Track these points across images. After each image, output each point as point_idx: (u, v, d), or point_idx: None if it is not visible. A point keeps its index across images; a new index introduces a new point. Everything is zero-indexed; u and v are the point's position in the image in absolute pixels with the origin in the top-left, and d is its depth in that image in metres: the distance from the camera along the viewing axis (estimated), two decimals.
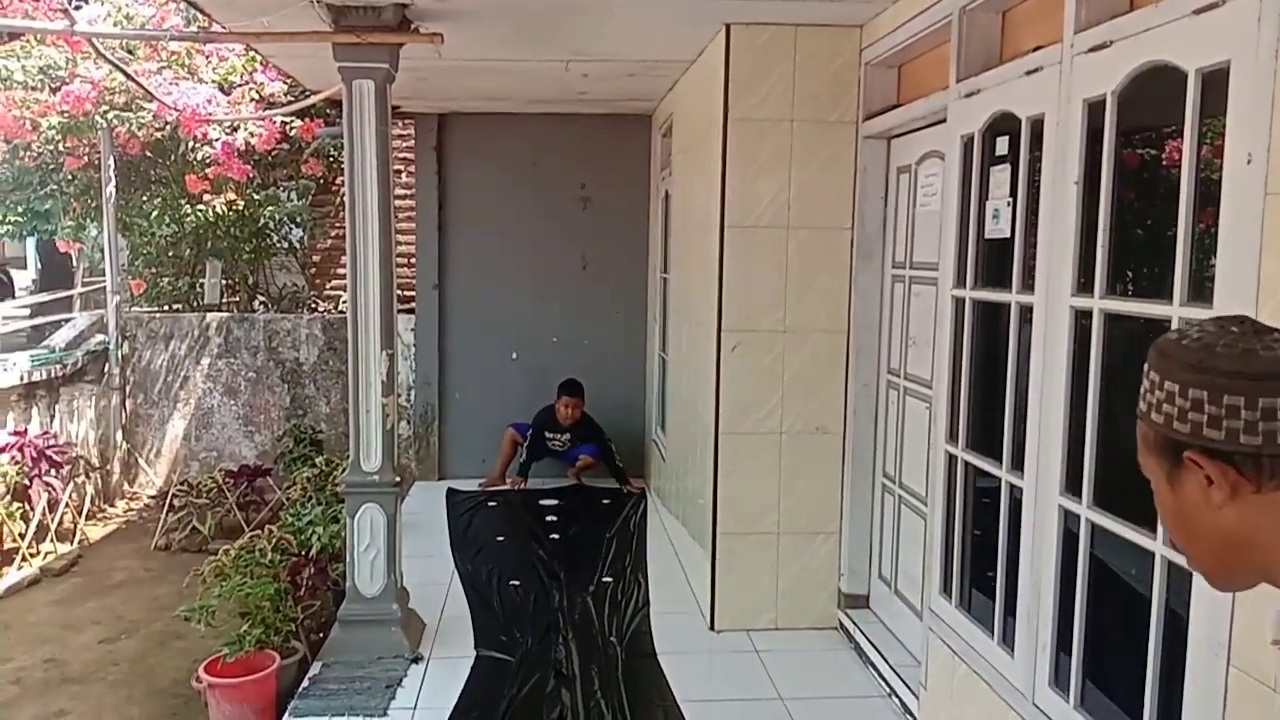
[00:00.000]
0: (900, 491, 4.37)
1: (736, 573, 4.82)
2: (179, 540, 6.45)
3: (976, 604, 3.37)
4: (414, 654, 4.38)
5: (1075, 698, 2.69)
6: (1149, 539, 2.39)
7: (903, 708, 3.92)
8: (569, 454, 7.46)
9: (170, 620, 5.16)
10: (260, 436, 7.82)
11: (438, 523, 6.53)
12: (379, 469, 4.41)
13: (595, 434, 7.43)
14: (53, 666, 4.62)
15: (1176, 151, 2.41)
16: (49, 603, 5.48)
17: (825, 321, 4.65)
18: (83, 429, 7.34)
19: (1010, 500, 3.10)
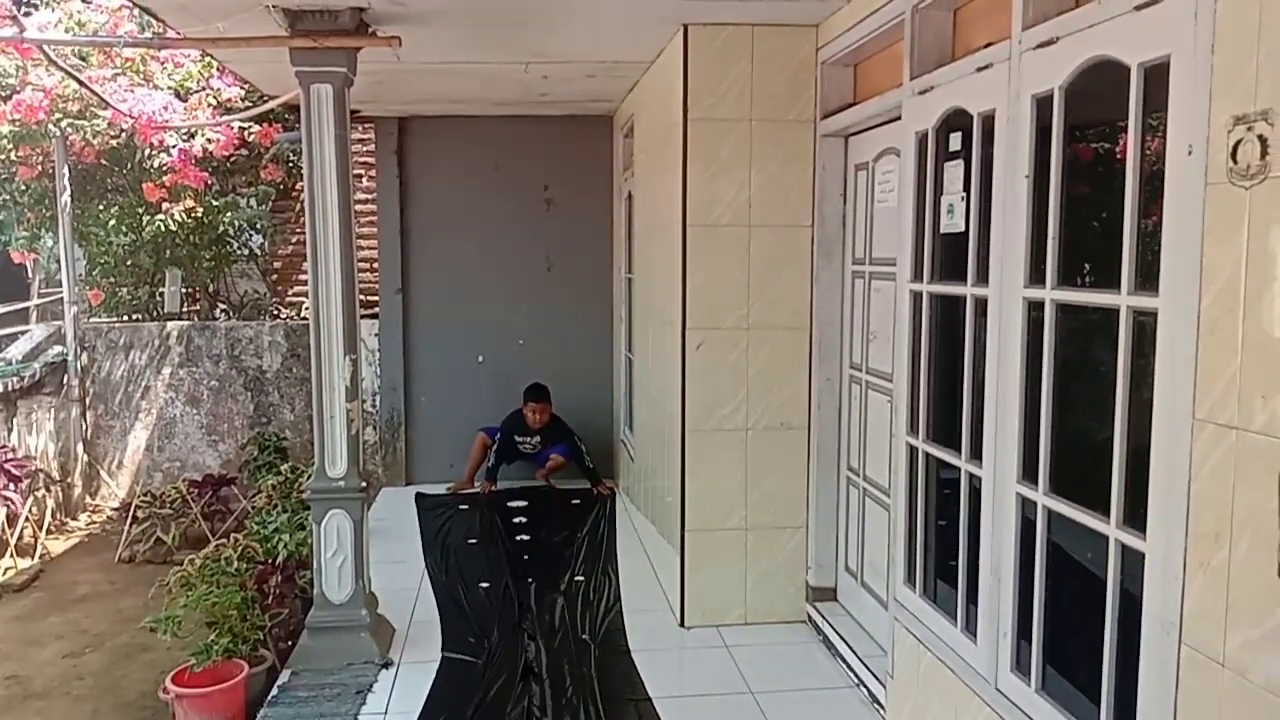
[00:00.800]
0: (864, 484, 4.43)
1: (705, 569, 4.85)
2: (143, 552, 6.38)
3: (939, 593, 3.42)
4: (384, 659, 4.37)
5: (1036, 681, 2.75)
6: (1103, 523, 2.45)
7: (870, 697, 3.97)
8: (540, 455, 7.46)
9: (136, 632, 5.11)
10: (224, 445, 7.74)
11: (405, 528, 6.50)
12: (344, 474, 4.40)
13: (565, 435, 7.43)
14: (14, 683, 4.55)
15: (1123, 145, 2.47)
16: (9, 619, 5.39)
17: (788, 318, 4.69)
18: (42, 442, 7.23)
19: (970, 489, 3.15)
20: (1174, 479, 2.16)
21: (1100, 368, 2.70)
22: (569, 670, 4.34)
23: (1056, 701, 2.66)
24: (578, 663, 4.42)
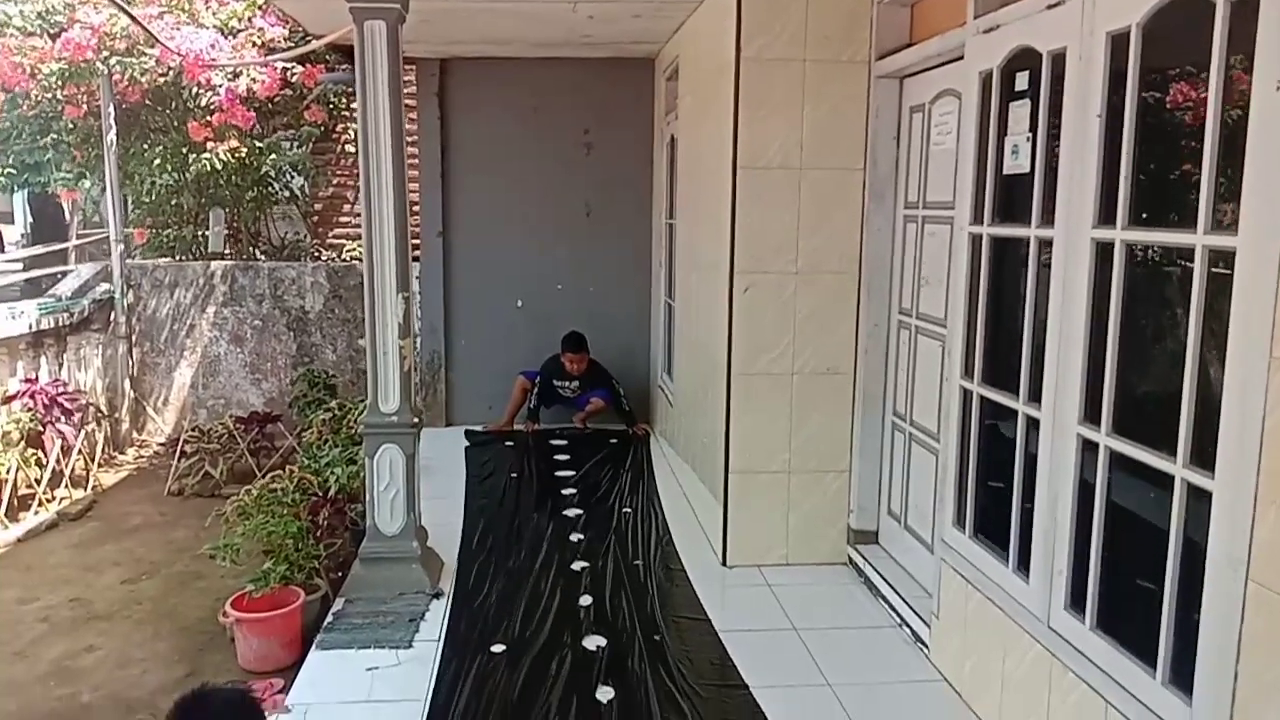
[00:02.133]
0: (911, 429, 4.44)
1: (747, 510, 4.91)
2: (192, 486, 6.52)
3: (990, 534, 3.45)
4: (435, 590, 4.47)
5: (1091, 619, 2.78)
6: (1169, 462, 2.46)
7: (914, 637, 4.02)
8: (579, 399, 7.52)
9: (190, 561, 5.26)
10: (267, 384, 7.85)
11: (449, 467, 6.59)
12: (397, 410, 4.47)
13: (604, 379, 7.49)
14: (78, 605, 4.70)
15: (1202, 83, 2.44)
16: (68, 546, 5.55)
17: (837, 262, 4.68)
18: (90, 378, 7.36)
19: (1026, 431, 3.16)
20: (1247, 418, 2.16)
21: (1170, 308, 2.69)
22: (624, 591, 4.44)
23: (1112, 639, 2.69)
24: (635, 587, 4.51)
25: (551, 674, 3.71)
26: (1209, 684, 2.27)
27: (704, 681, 3.68)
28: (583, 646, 3.94)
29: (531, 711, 3.44)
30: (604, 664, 3.79)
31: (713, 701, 3.53)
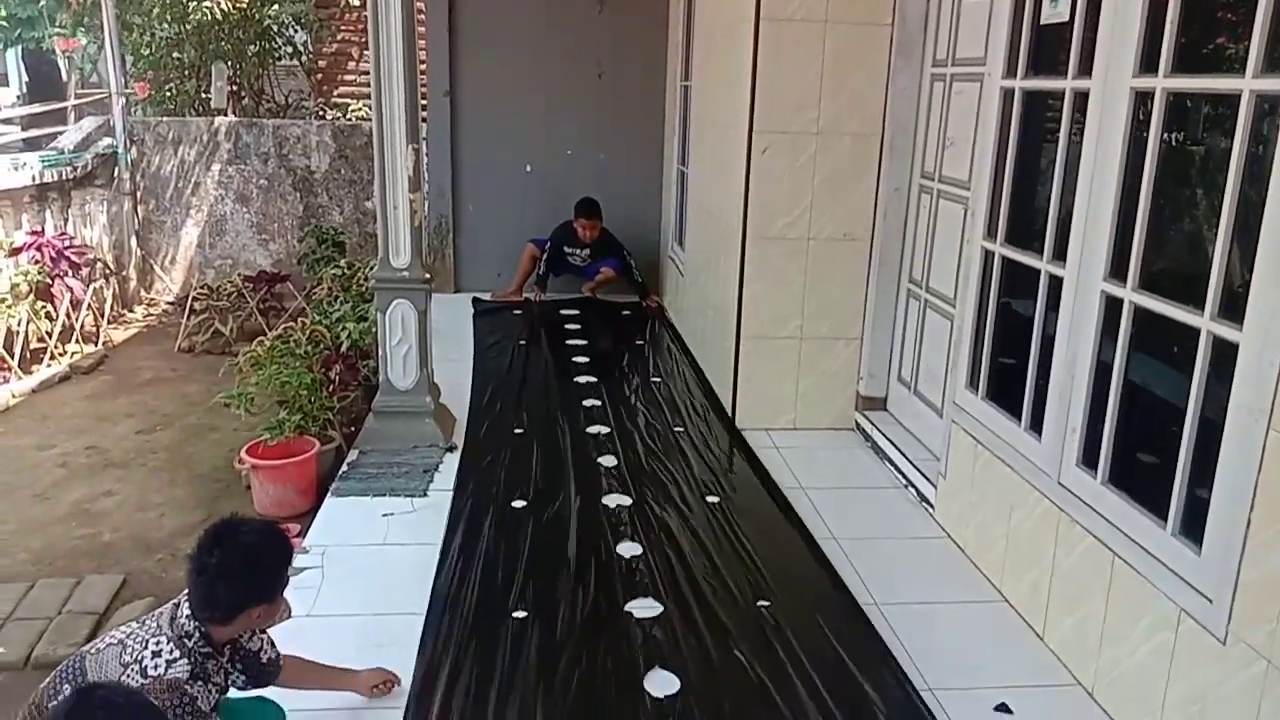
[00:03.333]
0: (926, 295, 4.41)
1: (758, 375, 4.92)
2: (202, 343, 6.54)
3: (1003, 394, 3.45)
4: (448, 444, 4.52)
5: (1104, 474, 2.80)
6: (1196, 316, 2.43)
7: (919, 497, 4.09)
8: (588, 269, 7.46)
9: (203, 414, 5.31)
10: (275, 245, 7.80)
11: (456, 333, 6.58)
12: (409, 265, 4.43)
13: (615, 249, 7.40)
14: (94, 453, 4.77)
15: None
16: (81, 397, 5.60)
17: (859, 123, 4.56)
18: (96, 234, 7.30)
19: (1048, 291, 3.13)
20: None
21: (1207, 162, 2.62)
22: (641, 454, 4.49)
23: (1123, 493, 2.72)
24: (648, 449, 4.55)
25: (570, 529, 3.75)
26: (1220, 532, 2.29)
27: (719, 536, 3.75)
28: (603, 504, 3.99)
29: (551, 562, 3.49)
30: (624, 521, 3.83)
31: (728, 554, 3.59)
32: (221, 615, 2.11)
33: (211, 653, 2.13)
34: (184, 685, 2.02)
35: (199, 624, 2.09)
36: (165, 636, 2.06)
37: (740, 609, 3.21)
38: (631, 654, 2.94)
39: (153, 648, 2.04)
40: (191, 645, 2.07)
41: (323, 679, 2.62)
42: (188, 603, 2.12)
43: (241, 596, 2.12)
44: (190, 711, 2.01)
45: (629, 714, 2.66)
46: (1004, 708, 2.74)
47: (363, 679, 2.68)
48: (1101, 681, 2.75)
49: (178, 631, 2.07)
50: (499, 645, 2.97)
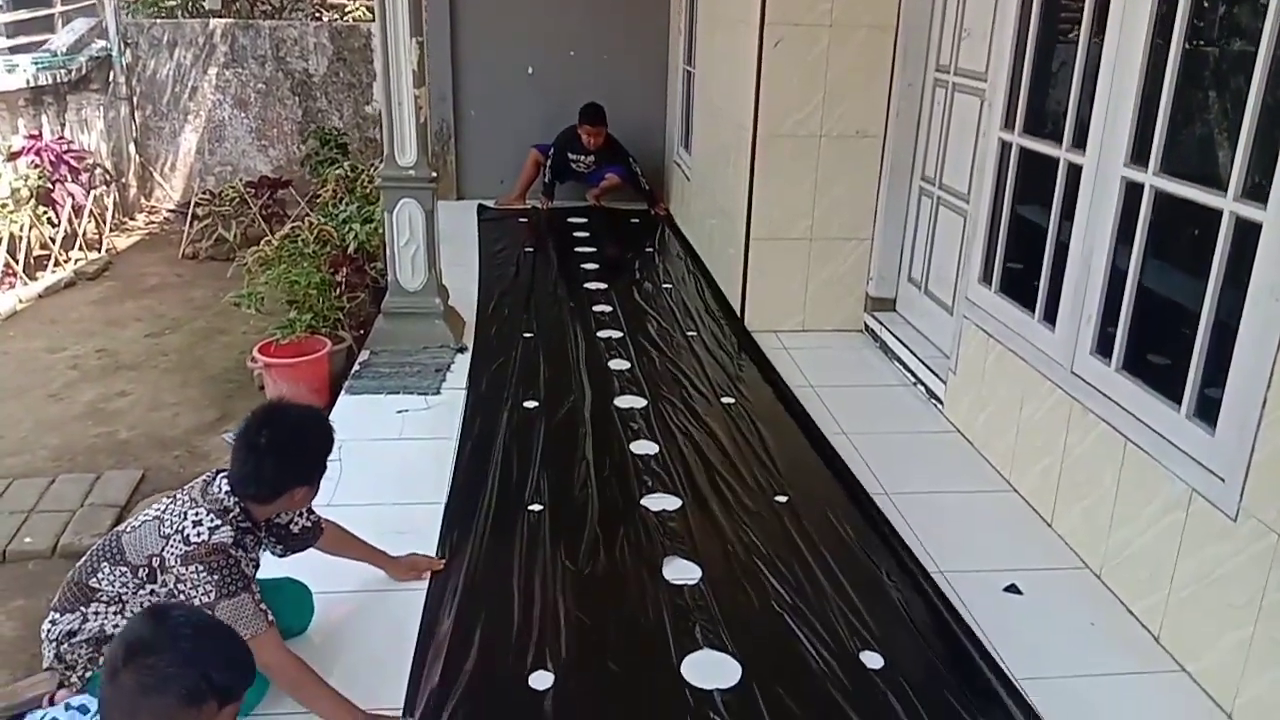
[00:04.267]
0: (939, 193, 4.37)
1: (767, 277, 4.91)
2: (206, 249, 6.50)
3: (1017, 287, 3.45)
4: (459, 345, 4.53)
5: (1118, 360, 2.81)
6: (1218, 198, 2.41)
7: (928, 394, 4.11)
8: (593, 175, 7.36)
9: (211, 318, 5.31)
10: (274, 151, 7.69)
11: (461, 240, 6.52)
12: (415, 163, 4.37)
13: (621, 156, 7.29)
14: (105, 356, 4.78)
15: None
16: (88, 302, 5.59)
17: (873, 15, 4.46)
18: (94, 140, 7.19)
19: (1067, 179, 3.10)
20: None
21: (1232, 41, 2.57)
22: (652, 357, 4.50)
23: (1138, 378, 2.73)
24: (659, 352, 4.57)
25: (584, 428, 3.77)
26: (1235, 412, 2.31)
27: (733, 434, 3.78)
28: (616, 405, 4.00)
29: (566, 459, 3.52)
30: (638, 421, 3.85)
31: (744, 451, 3.63)
32: (265, 493, 2.14)
33: (250, 528, 2.17)
34: (229, 549, 2.06)
35: (238, 500, 2.13)
36: (204, 508, 2.10)
37: (756, 502, 3.25)
38: (650, 544, 2.99)
39: (192, 518, 2.08)
40: (231, 518, 2.11)
41: (361, 552, 2.67)
42: (225, 479, 2.14)
43: (285, 477, 2.15)
44: (236, 572, 2.06)
45: (650, 598, 2.71)
46: (1013, 588, 2.80)
47: (402, 563, 2.73)
48: (1110, 564, 2.81)
49: (215, 505, 2.11)
50: (517, 534, 3.02)
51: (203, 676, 1.33)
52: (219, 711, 1.36)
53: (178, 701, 1.32)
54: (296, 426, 2.20)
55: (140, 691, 1.32)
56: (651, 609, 2.66)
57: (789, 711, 2.28)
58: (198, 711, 1.33)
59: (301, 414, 2.26)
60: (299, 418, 2.24)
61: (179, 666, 1.32)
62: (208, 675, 1.33)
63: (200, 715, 1.33)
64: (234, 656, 1.40)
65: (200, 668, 1.33)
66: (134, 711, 1.33)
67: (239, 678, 1.38)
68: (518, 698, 2.30)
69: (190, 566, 2.02)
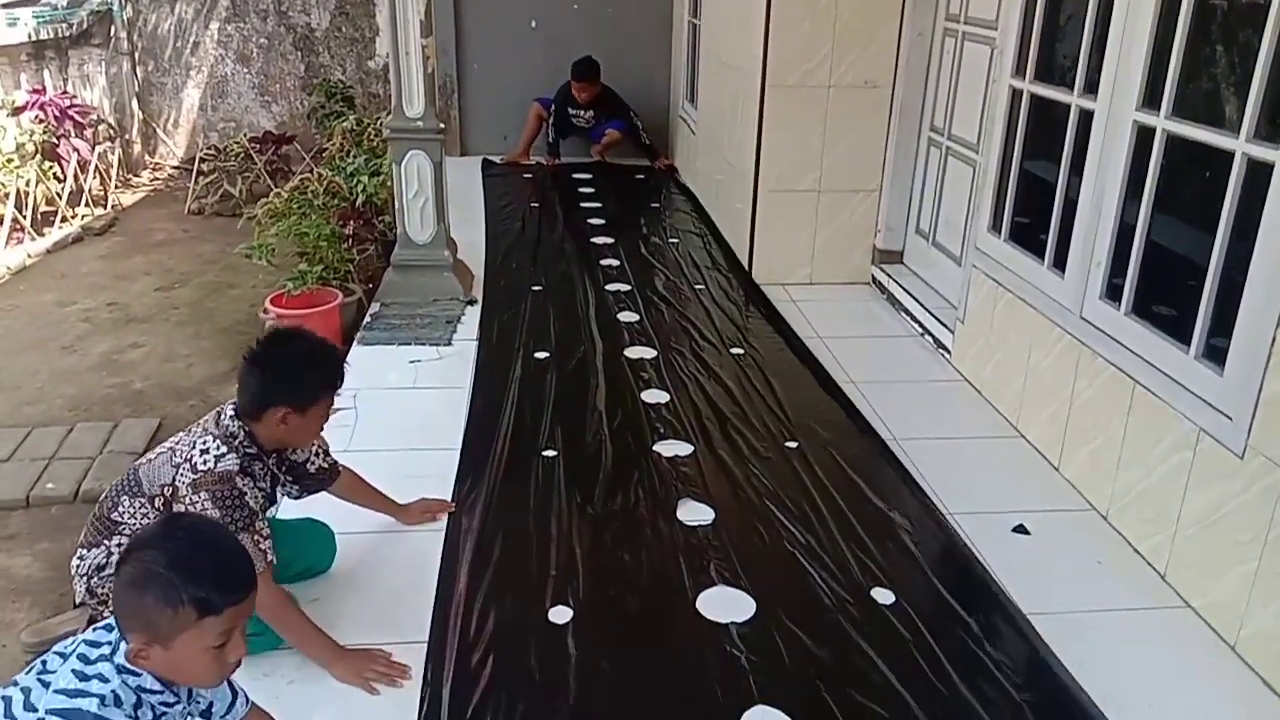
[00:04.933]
0: (948, 143, 4.37)
1: (774, 229, 4.92)
2: (212, 205, 6.49)
3: (1027, 235, 3.47)
4: (468, 297, 4.55)
5: (1127, 305, 2.84)
6: (1231, 139, 2.43)
7: (935, 344, 4.14)
8: (594, 131, 7.34)
9: (220, 272, 5.33)
10: (277, 107, 7.66)
11: (466, 195, 6.51)
12: (422, 114, 4.36)
13: (620, 110, 7.26)
14: (116, 309, 4.80)
15: None
16: (97, 257, 5.60)
17: None
18: (96, 96, 7.15)
19: (1078, 126, 3.10)
20: None
21: None
22: (661, 309, 4.53)
23: (1147, 322, 2.76)
24: (668, 304, 4.59)
25: (595, 378, 3.81)
26: (1244, 352, 2.34)
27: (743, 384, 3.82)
28: (626, 356, 4.03)
29: (577, 407, 3.56)
30: (648, 371, 3.89)
31: (754, 399, 3.66)
32: (250, 406, 2.14)
33: (257, 453, 2.19)
34: (234, 477, 2.09)
35: (242, 424, 2.16)
36: (212, 436, 2.13)
37: (767, 447, 3.29)
38: (663, 487, 3.03)
39: (200, 446, 2.11)
40: (237, 444, 2.14)
41: (375, 500, 2.71)
42: (233, 406, 2.18)
43: (269, 388, 2.13)
44: (239, 505, 2.08)
45: (665, 539, 2.76)
46: (1021, 529, 2.85)
47: (412, 509, 2.79)
48: (1116, 505, 2.86)
49: (223, 432, 2.14)
50: (531, 478, 3.06)
51: (180, 582, 1.35)
52: (198, 621, 1.37)
53: (155, 600, 1.35)
54: (293, 345, 2.21)
55: (129, 584, 1.38)
56: (666, 549, 2.71)
57: (802, 644, 2.33)
58: (174, 614, 1.36)
59: (305, 338, 2.26)
60: (300, 339, 2.24)
61: (162, 568, 1.36)
62: (185, 582, 1.36)
63: (178, 619, 1.36)
64: (218, 572, 1.40)
65: (181, 574, 1.36)
66: (122, 603, 1.39)
67: (216, 593, 1.38)
68: (539, 631, 2.35)
69: (198, 494, 2.06)
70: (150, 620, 1.37)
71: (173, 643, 1.38)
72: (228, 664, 1.45)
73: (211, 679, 1.46)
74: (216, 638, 1.40)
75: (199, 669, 1.43)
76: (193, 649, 1.39)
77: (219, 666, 1.44)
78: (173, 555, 1.38)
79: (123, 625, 1.41)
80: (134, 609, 1.38)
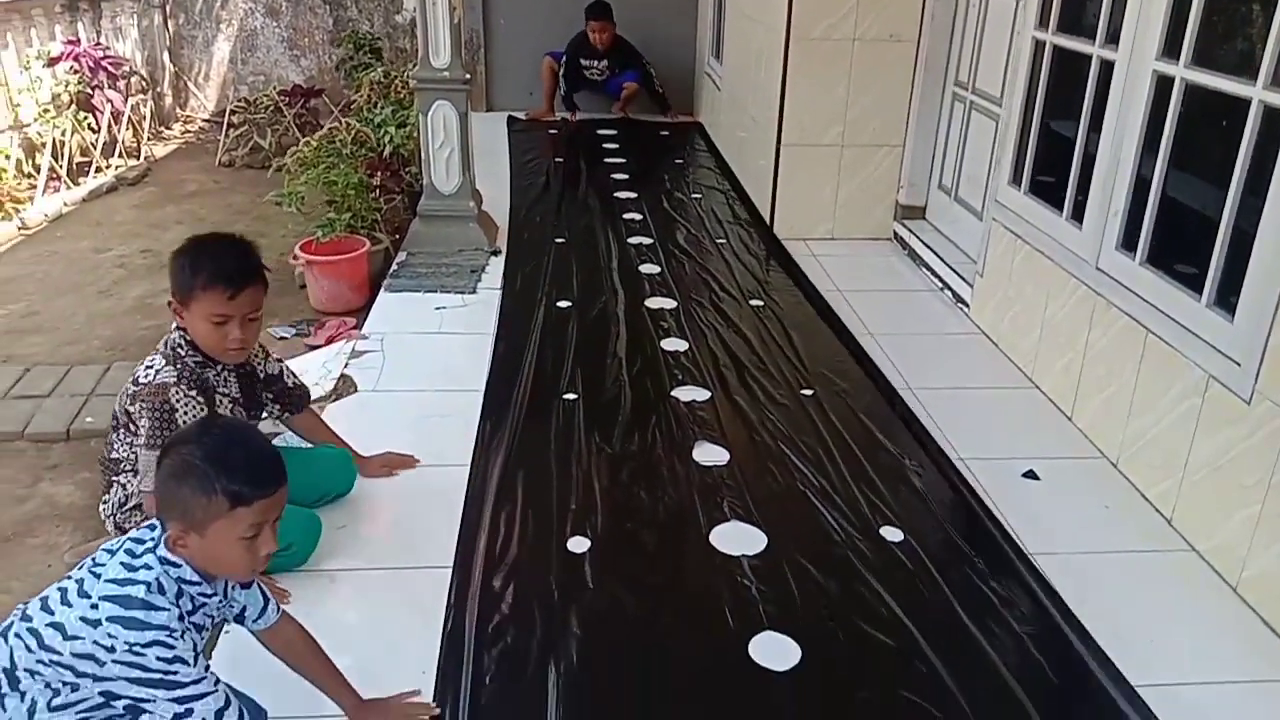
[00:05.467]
0: (972, 97, 4.37)
1: (797, 184, 4.95)
2: (242, 157, 6.58)
3: (1046, 187, 3.49)
4: (493, 248, 4.62)
5: (1143, 254, 2.87)
6: (1248, 87, 2.44)
7: (955, 298, 4.17)
8: (610, 84, 7.36)
9: (250, 222, 5.42)
10: (306, 61, 7.71)
11: (492, 150, 6.56)
12: (449, 65, 4.41)
13: (633, 59, 7.27)
14: (149, 255, 4.91)
15: None
16: (131, 206, 5.71)
17: None
18: (128, 49, 7.23)
19: (1099, 76, 3.11)
20: None
21: None
22: (683, 262, 4.58)
23: (1161, 271, 2.79)
24: (690, 258, 4.65)
25: (615, 326, 3.88)
26: (1254, 298, 2.37)
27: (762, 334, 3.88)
28: (647, 306, 4.10)
29: (598, 354, 3.63)
30: (668, 321, 3.95)
31: (772, 349, 3.72)
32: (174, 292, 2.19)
33: (204, 360, 2.24)
34: (169, 389, 2.12)
35: (183, 332, 2.21)
36: (159, 354, 2.22)
37: (783, 394, 3.36)
38: (680, 430, 3.11)
39: (146, 363, 2.21)
40: (183, 355, 2.20)
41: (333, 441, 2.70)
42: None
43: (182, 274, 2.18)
44: (167, 427, 2.10)
45: (681, 477, 2.84)
46: (1031, 474, 2.90)
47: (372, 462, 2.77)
48: (1126, 452, 2.90)
49: (169, 346, 2.22)
50: (552, 419, 3.15)
51: (214, 474, 1.47)
52: (230, 511, 1.48)
53: (191, 491, 1.47)
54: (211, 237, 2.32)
55: (169, 475, 1.50)
56: (682, 487, 2.79)
57: (811, 576, 2.41)
58: (208, 503, 1.47)
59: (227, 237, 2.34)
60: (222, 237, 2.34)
61: (198, 460, 1.48)
62: (218, 474, 1.47)
63: (211, 508, 1.47)
64: (250, 468, 1.50)
65: (215, 466, 1.47)
66: (163, 494, 1.52)
67: (247, 486, 1.48)
68: (558, 559, 2.44)
69: (135, 405, 2.14)
70: (187, 509, 1.48)
71: (207, 531, 1.49)
72: (259, 556, 1.55)
73: (243, 569, 1.56)
74: (247, 529, 1.50)
75: (232, 558, 1.53)
76: (226, 538, 1.50)
77: (250, 557, 1.53)
78: (208, 449, 1.48)
79: (164, 514, 1.52)
80: (173, 498, 1.49)
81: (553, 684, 2.04)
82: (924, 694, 2.05)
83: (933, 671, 2.12)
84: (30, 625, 1.47)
